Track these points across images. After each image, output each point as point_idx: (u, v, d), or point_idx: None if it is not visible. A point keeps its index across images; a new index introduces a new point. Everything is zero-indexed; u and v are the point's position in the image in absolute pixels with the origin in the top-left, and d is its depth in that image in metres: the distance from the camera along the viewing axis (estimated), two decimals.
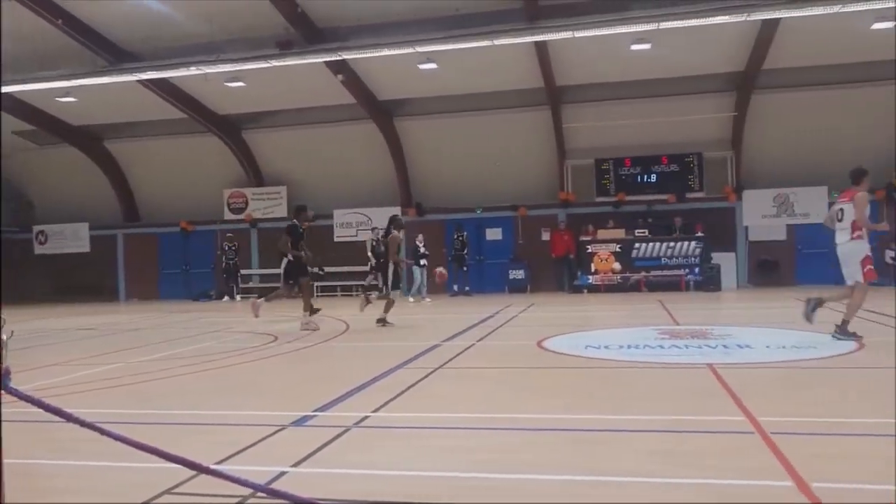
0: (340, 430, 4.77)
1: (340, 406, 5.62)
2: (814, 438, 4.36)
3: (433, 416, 5.19)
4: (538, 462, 4.00)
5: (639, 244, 19.99)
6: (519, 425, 4.88)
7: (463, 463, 4.01)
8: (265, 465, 3.99)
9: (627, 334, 9.85)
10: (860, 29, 15.99)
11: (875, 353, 7.65)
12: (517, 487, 3.61)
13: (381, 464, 4.04)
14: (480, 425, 4.94)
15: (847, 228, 8.82)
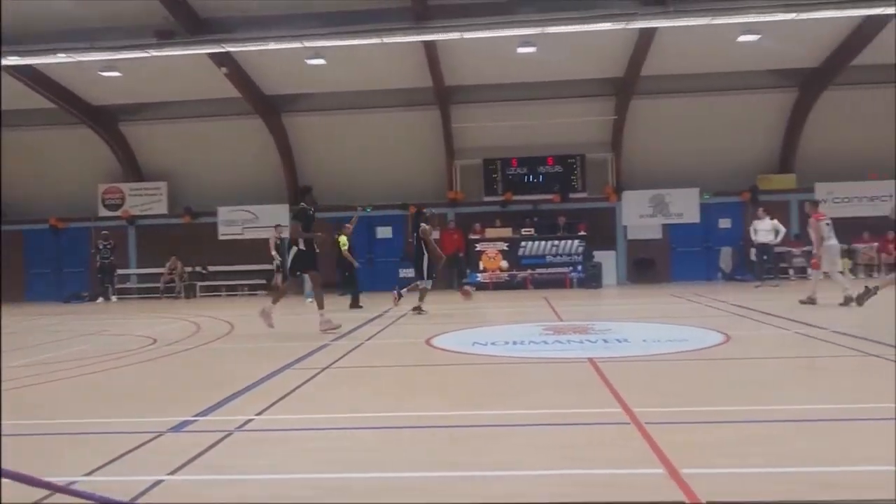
0: (222, 435, 4.61)
1: (223, 410, 5.43)
2: (685, 427, 4.59)
3: (318, 418, 5.11)
4: (417, 460, 4.01)
5: (525, 243, 20.50)
6: (402, 424, 4.88)
7: (343, 464, 3.97)
8: (140, 475, 3.80)
9: (513, 331, 10.07)
10: (728, 41, 17.06)
11: (741, 346, 8.18)
12: (395, 486, 3.61)
13: (262, 468, 3.94)
14: (364, 425, 4.90)
15: None
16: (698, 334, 9.06)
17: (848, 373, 6.50)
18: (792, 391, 5.70)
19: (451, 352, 8.28)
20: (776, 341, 8.67)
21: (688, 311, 12.57)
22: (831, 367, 6.85)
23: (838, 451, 3.95)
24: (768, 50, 17.75)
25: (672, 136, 20.75)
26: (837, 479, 3.48)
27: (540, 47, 17.14)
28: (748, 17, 14.95)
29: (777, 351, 7.92)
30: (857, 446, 4.05)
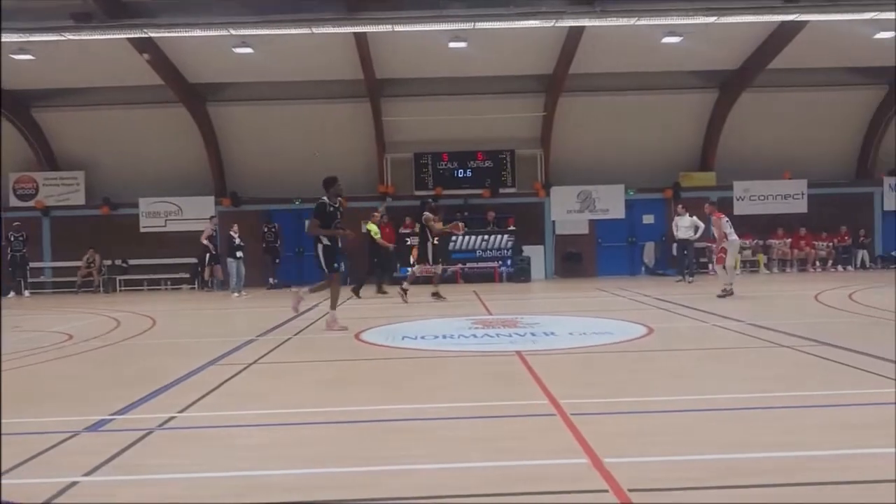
0: (142, 434, 4.47)
1: (143, 408, 5.27)
2: (609, 417, 4.71)
3: (242, 414, 5.01)
4: (344, 455, 3.98)
5: (456, 237, 20.57)
6: (329, 419, 4.83)
7: (269, 461, 3.91)
8: (54, 476, 3.65)
9: (443, 324, 10.11)
10: (653, 42, 17.53)
11: (662, 338, 8.44)
12: (322, 482, 3.58)
13: (182, 467, 3.84)
14: (290, 421, 4.82)
15: None
16: (622, 327, 9.30)
17: (761, 363, 6.78)
18: (709, 381, 5.92)
19: (380, 346, 8.25)
20: (695, 333, 8.98)
21: (613, 304, 12.87)
22: (746, 358, 7.14)
23: (751, 438, 4.12)
24: (690, 52, 18.32)
25: (599, 133, 21.17)
26: (750, 465, 3.62)
27: (471, 42, 17.21)
28: (671, 20, 15.37)
29: (696, 342, 8.21)
30: (767, 433, 4.23)
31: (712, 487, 3.34)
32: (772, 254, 21.49)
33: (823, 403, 4.88)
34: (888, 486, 3.26)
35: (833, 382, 5.62)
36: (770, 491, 3.29)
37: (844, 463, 3.63)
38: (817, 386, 5.50)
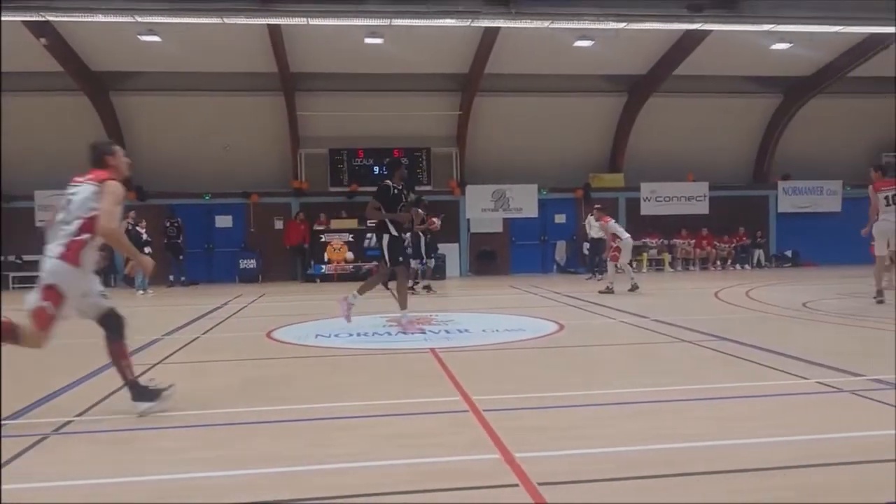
0: (36, 439, 4.24)
1: (39, 411, 5.01)
2: (521, 413, 4.79)
3: (145, 418, 4.82)
4: (255, 456, 3.90)
5: (370, 234, 20.46)
6: (238, 420, 4.71)
7: (176, 464, 3.78)
8: None
9: (358, 322, 10.02)
10: (566, 45, 17.94)
11: (573, 334, 8.65)
12: (233, 484, 3.49)
13: (80, 472, 3.66)
14: (198, 423, 4.68)
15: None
16: (534, 324, 9.47)
17: (665, 357, 7.05)
18: (617, 375, 6.10)
19: (293, 344, 8.11)
20: (604, 329, 9.24)
21: (525, 301, 13.10)
22: (651, 353, 7.40)
23: (656, 430, 4.27)
24: (601, 56, 18.86)
25: (513, 133, 21.51)
26: (655, 456, 3.76)
27: (387, 39, 17.15)
28: (583, 24, 15.76)
29: (605, 338, 8.44)
30: (671, 425, 4.41)
31: (619, 479, 3.44)
32: (676, 253, 22.38)
33: (722, 396, 5.11)
34: (782, 473, 3.45)
35: (730, 376, 5.90)
36: (675, 480, 3.42)
37: (742, 452, 3.81)
38: (716, 379, 5.76)
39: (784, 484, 3.33)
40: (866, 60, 19.50)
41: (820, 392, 5.19)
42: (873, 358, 6.58)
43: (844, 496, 3.17)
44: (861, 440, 3.96)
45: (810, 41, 17.89)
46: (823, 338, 8.09)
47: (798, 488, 3.27)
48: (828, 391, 5.19)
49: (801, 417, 4.54)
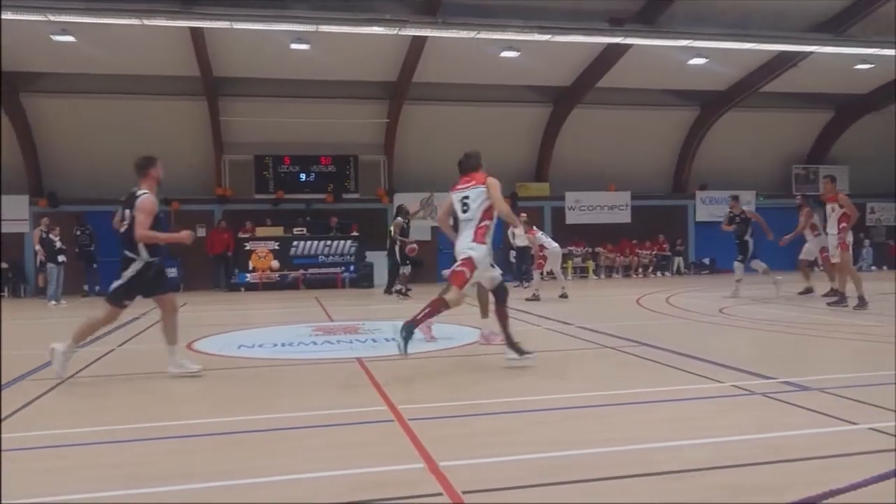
0: None
1: None
2: (446, 421, 4.78)
3: (59, 434, 4.58)
4: (178, 472, 3.76)
5: (297, 242, 20.21)
6: (159, 434, 4.54)
7: (93, 481, 3.60)
8: None
9: (282, 332, 9.85)
10: (492, 55, 18.15)
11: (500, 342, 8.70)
12: (155, 501, 3.35)
13: None
14: (115, 439, 4.48)
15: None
16: (461, 332, 9.50)
17: (589, 363, 7.19)
18: (542, 382, 6.17)
19: (215, 356, 7.89)
20: (530, 337, 9.30)
21: (453, 310, 13.10)
22: (576, 359, 7.53)
23: (580, 435, 4.34)
24: (527, 67, 19.17)
25: (440, 141, 21.56)
26: (579, 461, 3.81)
27: (314, 45, 16.98)
28: (508, 35, 16.02)
29: (530, 345, 8.48)
30: (594, 430, 4.48)
31: (544, 485, 3.47)
32: (600, 261, 22.89)
33: (643, 400, 5.23)
34: (701, 474, 3.55)
35: (651, 380, 6.05)
36: (599, 485, 3.46)
37: (664, 454, 3.90)
38: (637, 384, 5.89)
39: (704, 484, 3.42)
40: (776, 77, 20.46)
41: (735, 395, 5.38)
42: (783, 361, 6.88)
43: (758, 496, 3.28)
44: (772, 441, 4.11)
45: (724, 57, 18.67)
46: (738, 342, 8.40)
47: (717, 488, 3.36)
48: (742, 394, 5.38)
49: (718, 420, 4.69)
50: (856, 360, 6.83)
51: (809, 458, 3.74)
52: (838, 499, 2.60)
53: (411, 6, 15.87)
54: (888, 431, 4.18)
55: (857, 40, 17.63)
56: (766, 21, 17.12)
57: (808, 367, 6.34)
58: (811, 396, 5.19)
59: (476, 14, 15.86)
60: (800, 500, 3.05)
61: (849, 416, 4.57)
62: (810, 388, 5.45)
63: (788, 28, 17.40)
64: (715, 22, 16.94)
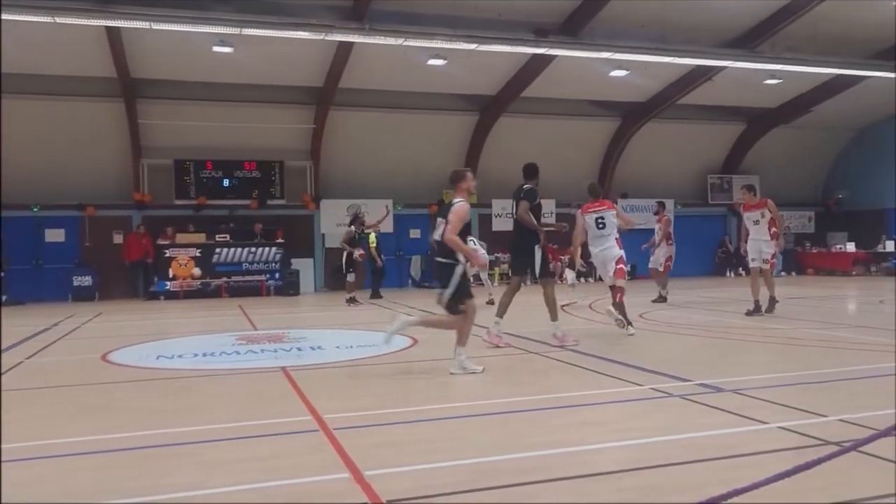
0: None
1: None
2: (372, 430, 4.74)
3: None
4: (91, 489, 3.60)
5: (220, 249, 19.71)
6: (71, 450, 4.34)
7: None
8: None
9: (204, 342, 9.59)
10: (419, 63, 18.19)
11: (426, 348, 8.71)
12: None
13: None
14: (23, 456, 4.25)
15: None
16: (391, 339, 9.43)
17: (515, 368, 7.27)
18: (469, 388, 6.20)
19: (132, 367, 7.60)
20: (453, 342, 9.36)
21: (381, 316, 13.06)
22: (503, 364, 7.60)
23: (510, 440, 4.38)
24: (454, 75, 19.29)
25: (368, 148, 21.51)
26: (505, 465, 3.84)
27: (238, 48, 16.62)
28: (435, 43, 16.08)
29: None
30: (521, 434, 4.53)
31: (472, 490, 3.48)
32: None
33: (568, 404, 5.33)
34: (618, 477, 3.64)
35: (574, 385, 6.18)
36: (527, 489, 3.50)
37: (589, 457, 3.98)
38: (561, 388, 6.00)
39: (623, 486, 3.51)
40: (692, 90, 21.24)
41: (653, 398, 5.54)
42: (700, 364, 7.13)
43: (675, 496, 3.38)
44: (689, 441, 4.26)
45: (644, 70, 19.26)
46: (657, 346, 8.65)
47: (636, 489, 3.45)
48: (661, 396, 5.55)
49: (637, 422, 4.82)
50: (767, 363, 7.14)
51: (724, 458, 3.88)
52: (742, 498, 2.70)
53: (338, 11, 15.76)
54: (796, 430, 4.39)
55: (766, 56, 18.50)
56: (683, 36, 17.78)
57: (722, 370, 6.59)
58: (725, 397, 5.40)
59: (403, 21, 15.87)
60: (705, 500, 3.15)
61: (760, 416, 4.77)
62: (725, 389, 5.67)
63: (704, 43, 18.10)
64: (635, 36, 17.48)
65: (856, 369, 6.49)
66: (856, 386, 5.88)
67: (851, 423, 4.47)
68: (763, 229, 11.39)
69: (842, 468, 3.56)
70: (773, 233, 11.32)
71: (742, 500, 2.71)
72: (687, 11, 17.37)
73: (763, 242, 11.45)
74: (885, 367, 6.57)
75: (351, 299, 15.80)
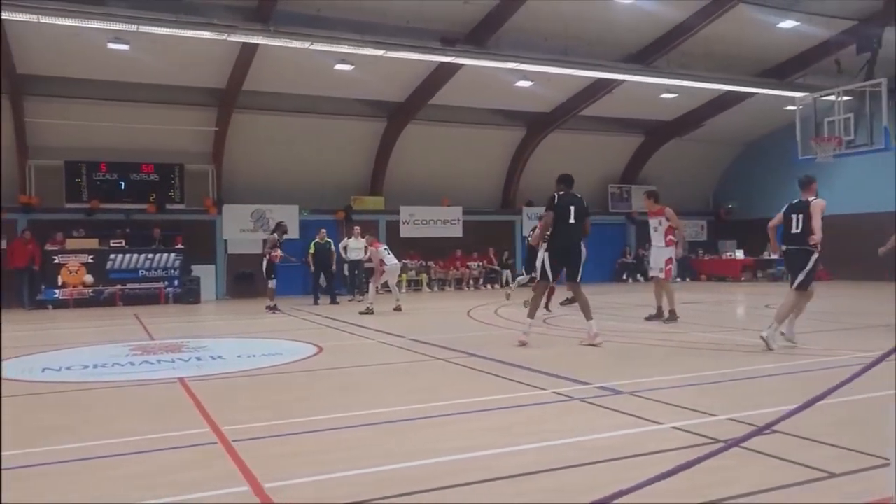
0: None
1: None
2: (274, 440, 4.62)
3: None
4: None
5: (115, 255, 18.81)
6: None
7: None
8: None
9: (95, 353, 9.12)
10: (327, 67, 18.00)
11: (332, 356, 8.60)
12: None
13: None
14: None
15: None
16: (292, 347, 9.28)
17: (420, 375, 7.27)
18: (374, 395, 6.16)
19: (14, 381, 7.12)
20: (363, 350, 9.31)
21: (284, 324, 12.81)
22: (407, 371, 7.59)
23: (414, 448, 4.36)
24: (362, 81, 19.21)
25: (274, 152, 21.09)
26: (410, 472, 3.82)
27: (135, 46, 15.97)
28: (343, 48, 15.96)
29: (363, 359, 8.49)
30: (426, 440, 4.52)
31: (374, 499, 3.44)
32: (433, 273, 23.31)
33: (472, 410, 5.37)
34: (523, 480, 3.68)
35: (479, 390, 6.22)
36: (430, 495, 3.49)
37: (492, 461, 4.01)
38: (466, 394, 6.03)
39: (525, 489, 3.56)
40: (594, 102, 21.96)
41: (555, 401, 5.66)
42: (599, 368, 7.35)
43: (574, 497, 3.45)
44: (589, 443, 4.37)
45: (548, 81, 19.77)
46: (558, 351, 8.85)
47: (537, 492, 3.51)
48: (563, 400, 5.68)
49: (539, 425, 4.91)
50: (663, 365, 7.42)
51: (621, 458, 4.00)
52: (629, 497, 2.78)
53: (242, 12, 15.39)
54: (688, 430, 4.58)
55: (662, 72, 19.36)
56: (585, 50, 18.37)
57: (621, 373, 6.81)
58: (623, 400, 5.58)
59: (310, 25, 15.67)
60: (594, 501, 3.22)
61: (655, 417, 4.96)
62: (623, 391, 5.86)
63: (604, 58, 18.76)
64: (540, 48, 17.92)
65: (744, 370, 6.85)
66: (744, 386, 6.21)
67: (739, 421, 4.70)
68: (660, 236, 11.66)
69: (726, 465, 3.73)
70: (668, 240, 11.59)
71: (629, 499, 2.79)
72: (589, 27, 17.98)
73: (657, 249, 11.79)
74: (770, 368, 6.98)
75: (272, 307, 15.37)
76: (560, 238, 8.82)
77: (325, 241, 18.10)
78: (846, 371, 2.76)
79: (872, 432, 3.90)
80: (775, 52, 20.50)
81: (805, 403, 2.73)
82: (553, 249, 8.92)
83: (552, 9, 17.03)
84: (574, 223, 8.76)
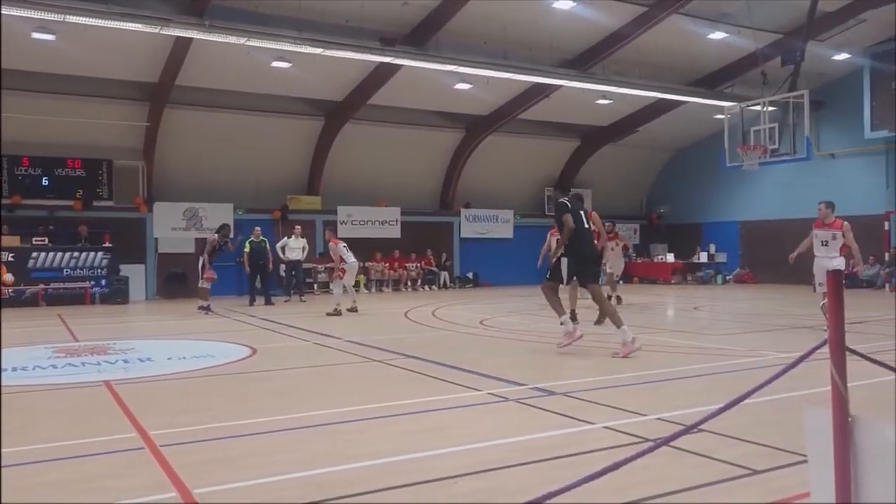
0: None
1: None
2: (204, 445, 4.52)
3: None
4: None
5: (37, 253, 18.05)
6: None
7: None
8: None
9: (15, 355, 8.72)
10: (263, 64, 17.69)
11: (266, 358, 8.45)
12: None
13: None
14: None
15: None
16: (225, 349, 9.09)
17: (356, 377, 7.22)
18: (309, 398, 6.07)
19: None
20: (298, 352, 9.19)
21: (218, 325, 12.53)
22: (343, 373, 7.52)
23: (347, 450, 4.32)
24: (300, 79, 18.94)
25: (208, 149, 20.61)
26: (343, 475, 3.78)
27: (61, 37, 15.35)
28: (280, 45, 15.70)
29: (298, 361, 8.38)
30: (362, 444, 4.49)
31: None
32: (370, 274, 23.18)
33: (407, 411, 5.36)
34: (456, 482, 3.69)
35: (415, 391, 6.22)
36: (362, 498, 3.46)
37: (426, 463, 4.00)
38: (402, 395, 6.01)
39: (456, 492, 3.56)
40: (531, 106, 22.22)
41: (490, 402, 5.70)
42: (534, 369, 7.44)
43: (507, 497, 3.47)
44: (523, 443, 4.41)
45: (487, 85, 19.91)
46: (494, 352, 8.93)
47: (469, 494, 3.52)
48: (497, 401, 5.72)
49: (474, 426, 4.93)
50: (594, 367, 7.56)
51: (553, 458, 4.05)
52: (557, 499, 2.82)
53: (177, 5, 14.98)
54: (619, 429, 4.67)
55: (597, 78, 19.75)
56: (524, 55, 18.57)
57: (555, 374, 6.91)
58: (557, 400, 5.66)
59: (247, 21, 15.35)
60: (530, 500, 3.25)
61: (587, 417, 5.04)
62: (556, 392, 5.95)
63: (542, 63, 19.01)
64: (478, 51, 18.02)
65: (673, 370, 7.05)
66: (673, 386, 6.38)
67: (668, 420, 4.83)
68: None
69: (655, 464, 3.82)
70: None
71: (559, 500, 2.83)
72: (527, 32, 18.18)
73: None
74: (698, 368, 7.19)
75: (205, 307, 15.04)
76: (583, 244, 8.55)
77: (261, 239, 17.64)
78: (769, 371, 2.86)
79: (793, 430, 4.05)
80: (706, 63, 21.17)
81: (730, 403, 2.82)
82: (577, 255, 8.48)
83: (492, 12, 17.17)
84: (587, 227, 8.80)
